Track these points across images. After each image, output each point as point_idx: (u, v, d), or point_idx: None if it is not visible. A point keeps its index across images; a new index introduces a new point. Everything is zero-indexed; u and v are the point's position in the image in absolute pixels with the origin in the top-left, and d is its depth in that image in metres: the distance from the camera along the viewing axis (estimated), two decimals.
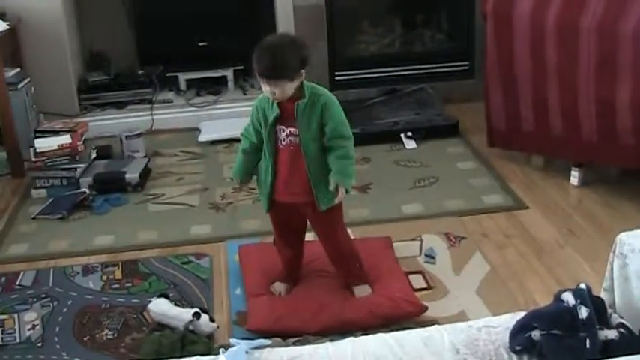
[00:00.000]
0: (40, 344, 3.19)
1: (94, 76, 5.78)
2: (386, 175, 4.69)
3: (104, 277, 3.67)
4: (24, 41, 5.33)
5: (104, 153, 4.97)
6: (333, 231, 3.31)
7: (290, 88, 2.98)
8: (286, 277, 3.43)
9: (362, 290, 3.37)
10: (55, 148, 4.61)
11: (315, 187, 3.11)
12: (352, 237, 3.84)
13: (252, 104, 3.19)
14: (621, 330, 2.22)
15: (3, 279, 3.69)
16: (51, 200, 4.48)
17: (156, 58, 5.89)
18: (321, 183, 3.11)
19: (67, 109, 5.50)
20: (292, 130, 3.06)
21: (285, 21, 5.53)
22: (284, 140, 3.08)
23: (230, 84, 5.90)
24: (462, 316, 3.16)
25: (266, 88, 2.98)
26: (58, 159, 4.60)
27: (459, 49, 5.99)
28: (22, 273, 3.73)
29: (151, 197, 4.54)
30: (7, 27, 5.01)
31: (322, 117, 3.05)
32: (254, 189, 3.77)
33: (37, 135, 4.73)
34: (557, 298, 2.33)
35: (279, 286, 3.41)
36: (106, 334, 3.22)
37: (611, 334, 2.19)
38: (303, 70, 3.00)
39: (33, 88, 5.19)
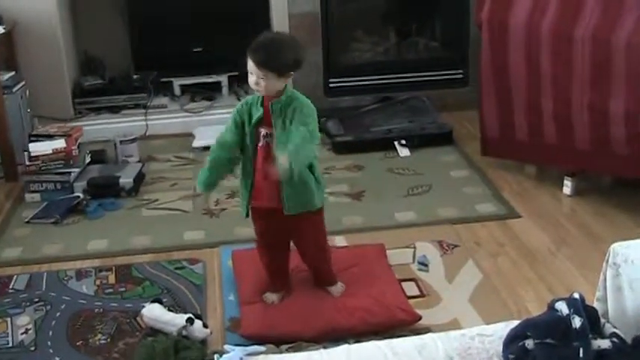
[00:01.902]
0: (32, 348, 3.18)
1: (88, 80, 5.78)
2: (379, 182, 4.70)
3: (97, 282, 3.66)
4: (19, 45, 5.33)
5: (98, 157, 4.97)
6: (314, 237, 3.31)
7: (276, 83, 3.01)
8: (274, 286, 3.41)
9: (337, 289, 3.40)
10: (50, 152, 4.61)
11: (284, 189, 3.10)
12: (345, 244, 3.88)
13: None
14: (614, 340, 2.22)
15: None
16: (45, 204, 4.47)
17: (151, 64, 5.88)
18: (289, 186, 3.08)
19: (61, 113, 5.50)
20: (268, 131, 3.08)
21: (280, 28, 5.53)
22: (261, 142, 3.10)
23: (224, 90, 5.89)
24: (454, 324, 3.17)
25: (253, 78, 3.00)
26: (52, 163, 4.60)
27: (453, 57, 6.01)
28: (15, 277, 3.73)
29: (144, 202, 4.54)
30: (3, 30, 5.02)
31: (293, 118, 3.03)
32: None
33: (31, 139, 4.74)
34: (551, 307, 2.33)
35: (270, 296, 3.39)
36: (99, 339, 3.22)
37: (605, 343, 2.20)
38: (292, 73, 3.04)
39: (28, 92, 5.20)
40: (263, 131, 3.08)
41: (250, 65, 3.00)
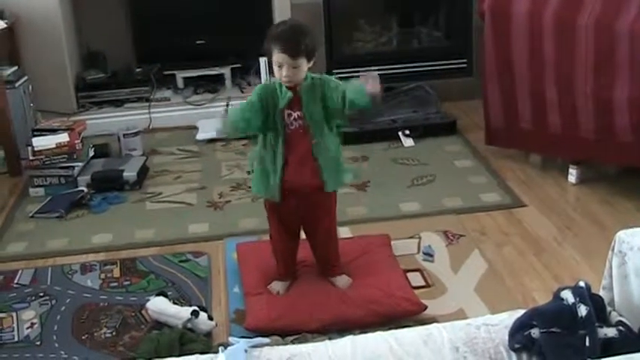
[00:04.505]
0: (38, 343, 3.18)
1: (91, 74, 5.78)
2: (384, 173, 4.69)
3: (102, 276, 3.66)
4: (22, 39, 5.33)
5: (102, 151, 4.97)
6: (332, 216, 3.34)
7: (304, 70, 3.03)
8: (284, 274, 3.41)
9: (344, 281, 3.39)
10: (53, 146, 4.61)
11: (323, 167, 3.14)
12: (350, 235, 3.87)
13: None
14: (620, 328, 2.21)
15: (1, 277, 3.68)
16: (49, 199, 4.47)
17: (153, 57, 5.88)
18: (328, 164, 3.14)
19: (64, 107, 5.50)
20: (299, 113, 3.09)
21: (282, 19, 5.52)
22: (292, 125, 3.11)
23: (227, 82, 5.89)
24: (460, 314, 3.16)
25: (283, 70, 3.00)
26: (55, 157, 4.60)
27: (456, 46, 5.99)
28: (20, 271, 3.73)
29: (148, 195, 4.53)
30: (5, 25, 5.02)
31: (324, 93, 3.08)
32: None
33: (34, 133, 4.75)
34: (557, 296, 2.33)
35: (276, 285, 3.39)
36: (105, 333, 3.21)
37: (611, 332, 2.19)
38: (314, 57, 3.07)
39: (30, 87, 5.20)
40: (294, 114, 3.09)
41: (281, 58, 2.99)
